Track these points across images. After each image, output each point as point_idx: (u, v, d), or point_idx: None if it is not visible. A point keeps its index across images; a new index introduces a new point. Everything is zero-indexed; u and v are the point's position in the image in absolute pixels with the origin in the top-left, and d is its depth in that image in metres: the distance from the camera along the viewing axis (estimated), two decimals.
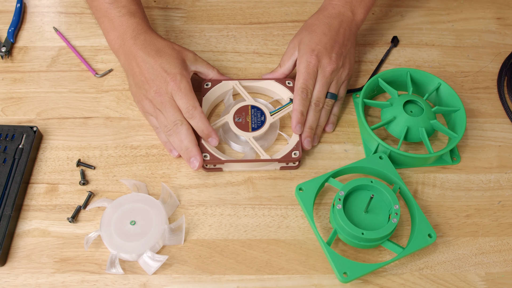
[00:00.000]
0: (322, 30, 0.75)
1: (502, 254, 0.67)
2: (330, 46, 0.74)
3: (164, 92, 0.70)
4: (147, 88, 0.71)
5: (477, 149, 0.75)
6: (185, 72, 0.71)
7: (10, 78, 0.81)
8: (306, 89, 0.72)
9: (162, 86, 0.70)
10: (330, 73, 0.74)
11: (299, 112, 0.72)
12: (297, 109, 0.72)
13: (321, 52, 0.74)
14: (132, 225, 0.66)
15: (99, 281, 0.64)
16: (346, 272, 0.61)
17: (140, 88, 0.72)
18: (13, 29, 0.84)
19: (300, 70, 0.74)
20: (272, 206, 0.70)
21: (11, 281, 0.64)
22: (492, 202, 0.71)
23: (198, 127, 0.70)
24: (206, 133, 0.70)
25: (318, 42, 0.74)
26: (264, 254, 0.66)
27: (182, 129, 0.69)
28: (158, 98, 0.70)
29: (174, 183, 0.71)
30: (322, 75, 0.74)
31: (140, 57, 0.71)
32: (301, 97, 0.72)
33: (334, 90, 0.75)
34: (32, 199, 0.70)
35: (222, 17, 0.88)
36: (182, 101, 0.69)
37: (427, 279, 0.65)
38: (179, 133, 0.70)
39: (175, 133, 0.70)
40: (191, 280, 0.64)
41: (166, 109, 0.70)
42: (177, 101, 0.70)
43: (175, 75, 0.70)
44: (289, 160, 0.70)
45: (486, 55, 0.85)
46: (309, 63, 0.73)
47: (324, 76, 0.74)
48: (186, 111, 0.69)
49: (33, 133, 0.72)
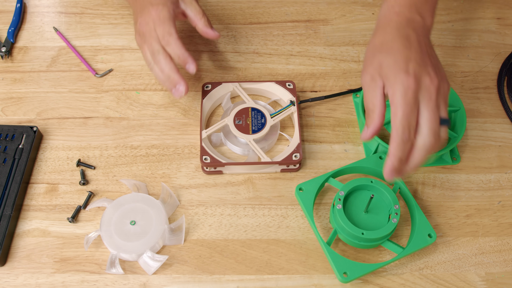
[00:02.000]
0: (402, 44, 0.59)
1: (502, 254, 0.67)
2: (421, 60, 0.58)
3: (146, 23, 0.70)
4: (136, 21, 0.72)
5: (477, 149, 0.75)
6: (170, 4, 0.71)
7: (10, 78, 0.81)
8: (408, 126, 0.55)
9: (146, 17, 0.70)
10: (436, 94, 0.57)
11: (397, 159, 0.56)
12: (395, 155, 0.55)
13: (418, 72, 0.57)
14: (132, 225, 0.66)
15: (99, 281, 0.64)
16: (346, 272, 0.62)
17: (134, 23, 0.73)
18: (13, 29, 0.84)
19: (395, 101, 0.56)
20: (272, 206, 0.70)
21: (11, 281, 0.64)
22: (492, 202, 0.71)
23: (174, 54, 0.69)
24: (183, 59, 0.69)
25: (407, 59, 0.58)
26: (264, 254, 0.66)
27: (160, 58, 0.69)
28: (142, 29, 0.71)
29: (174, 183, 0.71)
30: (427, 98, 0.56)
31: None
32: (402, 140, 0.55)
33: (445, 113, 0.58)
34: (32, 199, 0.70)
35: (222, 17, 0.88)
36: (159, 28, 0.69)
37: (427, 279, 0.65)
38: (159, 62, 0.69)
39: (155, 64, 0.69)
40: (191, 280, 0.64)
41: (147, 40, 0.70)
42: (156, 30, 0.70)
43: (157, 5, 0.70)
44: (290, 163, 0.70)
45: (486, 55, 0.85)
46: (408, 89, 0.55)
47: (430, 99, 0.56)
48: (162, 38, 0.69)
49: (33, 133, 0.72)
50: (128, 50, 0.84)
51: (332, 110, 0.78)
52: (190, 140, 0.75)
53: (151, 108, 0.78)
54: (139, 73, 0.81)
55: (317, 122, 0.77)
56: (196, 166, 0.73)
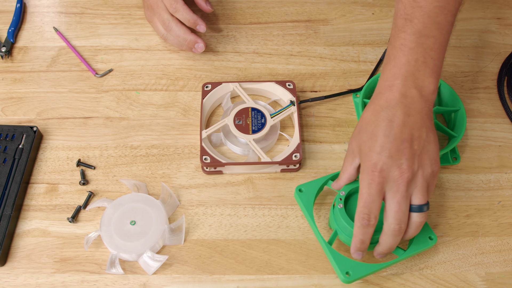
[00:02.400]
0: (383, 131, 0.59)
1: (502, 254, 0.67)
2: (396, 150, 0.58)
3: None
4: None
5: (477, 149, 0.75)
6: None
7: (10, 78, 0.81)
8: (367, 214, 0.58)
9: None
10: (405, 186, 0.58)
11: (358, 241, 0.60)
12: (357, 237, 0.60)
13: (386, 165, 0.58)
14: (132, 225, 0.66)
15: (99, 281, 0.64)
16: (349, 271, 0.61)
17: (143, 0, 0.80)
18: (13, 29, 0.84)
19: (361, 191, 0.60)
20: (272, 206, 0.70)
21: (11, 281, 0.64)
22: (492, 202, 0.71)
23: (184, 18, 0.76)
24: (193, 22, 0.76)
25: (380, 150, 0.58)
26: (264, 254, 0.66)
27: (172, 25, 0.76)
28: (149, 2, 0.77)
29: (174, 183, 0.71)
30: (394, 190, 0.58)
31: None
32: (361, 224, 0.59)
33: (419, 200, 0.59)
34: (32, 199, 0.70)
35: (222, 17, 0.88)
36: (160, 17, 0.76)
37: (427, 279, 0.65)
38: (172, 30, 0.76)
39: (169, 32, 0.76)
40: (191, 280, 0.64)
41: (156, 11, 0.76)
42: (162, 1, 0.76)
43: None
44: (290, 163, 0.70)
45: (486, 55, 0.85)
46: (372, 182, 0.58)
47: (397, 191, 0.58)
48: (169, 6, 0.75)
49: (33, 133, 0.72)
50: (128, 50, 0.84)
51: (332, 110, 0.78)
52: (190, 140, 0.75)
53: (151, 108, 0.78)
54: (139, 73, 0.81)
55: (317, 122, 0.77)
56: (196, 166, 0.73)
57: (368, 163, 0.59)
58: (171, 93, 0.79)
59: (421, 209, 0.59)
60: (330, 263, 0.65)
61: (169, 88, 0.80)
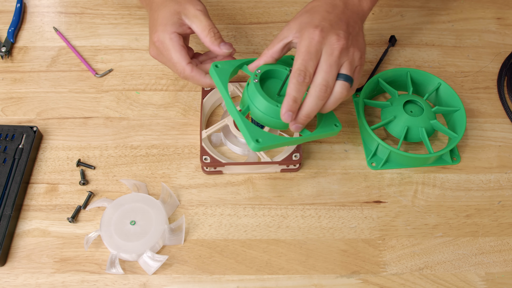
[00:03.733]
0: (325, 9, 0.64)
1: (502, 254, 0.67)
2: (336, 23, 0.63)
3: (153, 45, 0.71)
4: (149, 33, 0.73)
5: (477, 149, 0.75)
6: (171, 26, 0.69)
7: (10, 78, 0.81)
8: (304, 71, 0.60)
9: (152, 37, 0.70)
10: (339, 51, 0.61)
11: (291, 98, 0.60)
12: (290, 94, 0.60)
13: (327, 28, 0.62)
14: (132, 225, 0.66)
15: (99, 281, 0.64)
16: (259, 139, 0.61)
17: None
18: (13, 29, 0.84)
19: (299, 49, 0.61)
20: (272, 206, 0.70)
21: (11, 281, 0.64)
22: (492, 202, 0.71)
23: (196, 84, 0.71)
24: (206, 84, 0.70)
25: (321, 19, 0.63)
26: (264, 254, 0.66)
27: (187, 78, 0.70)
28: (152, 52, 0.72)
29: (174, 183, 0.71)
30: (329, 53, 0.61)
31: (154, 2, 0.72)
32: (296, 81, 0.60)
33: (348, 71, 0.62)
34: (32, 199, 0.70)
35: (222, 17, 0.88)
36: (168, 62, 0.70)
37: (427, 279, 0.65)
38: (188, 79, 0.70)
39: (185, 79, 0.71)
40: (191, 280, 0.64)
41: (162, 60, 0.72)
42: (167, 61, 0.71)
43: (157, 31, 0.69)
44: (290, 163, 0.70)
45: (486, 55, 0.85)
46: (312, 40, 0.61)
47: (332, 54, 0.61)
48: (177, 72, 0.70)
49: (33, 133, 0.72)
50: (128, 50, 0.84)
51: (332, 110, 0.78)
52: (190, 140, 0.75)
53: (151, 108, 0.78)
54: (139, 73, 0.81)
55: None
56: (196, 166, 0.73)
57: (309, 27, 0.62)
58: (171, 93, 0.79)
59: (348, 78, 0.62)
60: (330, 263, 0.65)
61: (169, 88, 0.80)
